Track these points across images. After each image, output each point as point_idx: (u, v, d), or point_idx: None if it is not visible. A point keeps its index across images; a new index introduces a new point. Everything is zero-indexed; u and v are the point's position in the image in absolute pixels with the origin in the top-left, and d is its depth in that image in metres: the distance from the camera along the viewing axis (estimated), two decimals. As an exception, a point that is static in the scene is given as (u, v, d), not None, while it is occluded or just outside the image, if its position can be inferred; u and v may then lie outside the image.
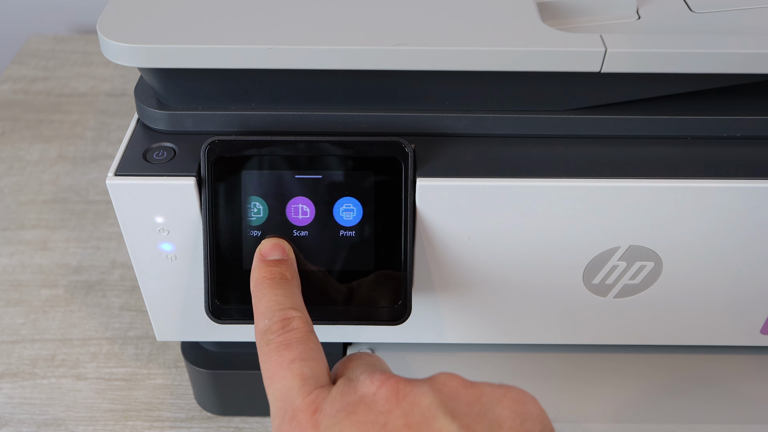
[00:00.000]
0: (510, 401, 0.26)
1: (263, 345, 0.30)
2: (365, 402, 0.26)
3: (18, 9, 0.98)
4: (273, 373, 0.29)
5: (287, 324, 0.30)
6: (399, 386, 0.26)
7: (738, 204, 0.35)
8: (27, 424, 0.48)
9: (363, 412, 0.26)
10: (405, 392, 0.26)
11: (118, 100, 0.80)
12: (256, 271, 0.33)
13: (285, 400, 0.28)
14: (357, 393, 0.27)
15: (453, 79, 0.34)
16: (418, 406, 0.26)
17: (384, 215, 0.35)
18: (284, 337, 0.30)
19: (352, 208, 0.35)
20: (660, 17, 0.38)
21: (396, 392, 0.26)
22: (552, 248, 0.37)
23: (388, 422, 0.25)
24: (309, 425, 0.26)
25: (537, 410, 0.26)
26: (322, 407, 0.27)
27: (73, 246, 0.62)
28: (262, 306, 0.32)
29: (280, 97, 0.36)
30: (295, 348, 0.29)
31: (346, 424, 0.26)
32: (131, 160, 0.35)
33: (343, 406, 0.26)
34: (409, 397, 0.26)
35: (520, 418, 0.26)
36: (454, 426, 0.25)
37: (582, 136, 0.37)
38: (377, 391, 0.27)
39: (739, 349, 0.45)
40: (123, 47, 0.33)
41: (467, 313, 0.40)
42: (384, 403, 0.26)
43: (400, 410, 0.26)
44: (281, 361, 0.29)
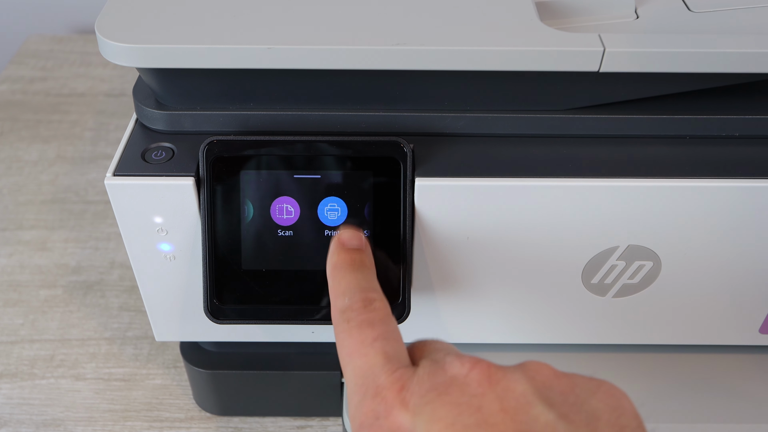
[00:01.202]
0: (604, 395, 0.25)
1: (342, 323, 0.29)
2: (457, 383, 0.25)
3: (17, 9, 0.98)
4: (354, 350, 0.28)
5: (369, 303, 0.29)
6: (491, 370, 0.26)
7: (737, 203, 0.35)
8: (26, 425, 0.48)
9: (455, 393, 0.25)
10: (497, 377, 0.25)
11: (116, 100, 0.80)
12: (335, 255, 0.32)
13: (366, 377, 0.27)
14: (447, 374, 0.26)
15: (452, 79, 0.34)
16: (513, 392, 0.25)
17: (383, 215, 0.35)
18: (367, 316, 0.29)
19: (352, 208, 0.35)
20: (658, 17, 0.38)
21: (488, 376, 0.25)
22: (551, 248, 0.37)
23: (482, 405, 0.24)
24: (396, 402, 0.25)
25: (631, 406, 0.25)
26: (408, 385, 0.26)
27: (72, 246, 0.62)
28: (342, 286, 0.31)
29: (278, 97, 0.36)
30: (378, 327, 0.28)
31: (438, 404, 0.25)
32: (130, 160, 0.35)
33: (433, 386, 0.25)
34: (502, 382, 0.25)
35: (616, 413, 0.25)
36: (552, 414, 0.24)
37: (580, 136, 0.37)
38: (468, 373, 0.25)
39: (737, 349, 0.46)
40: (121, 47, 0.33)
41: (466, 312, 0.40)
42: (477, 386, 0.25)
43: (494, 394, 0.25)
44: (363, 338, 0.28)
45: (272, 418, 0.48)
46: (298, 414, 0.48)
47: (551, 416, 0.24)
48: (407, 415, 0.25)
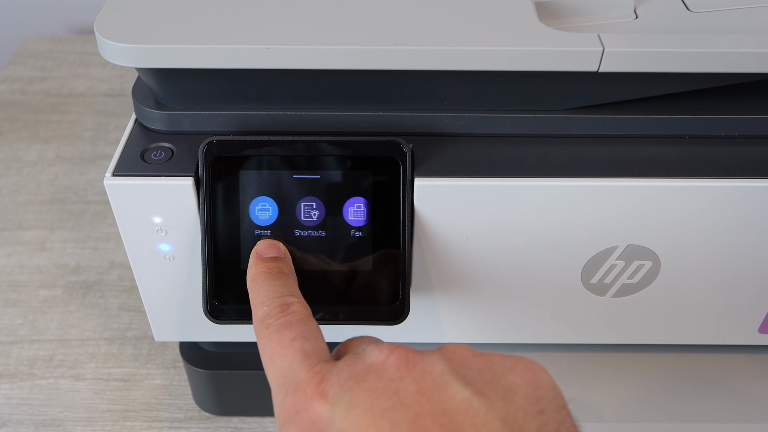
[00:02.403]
0: (521, 369, 0.26)
1: (262, 329, 0.30)
2: (375, 370, 0.26)
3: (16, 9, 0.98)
4: (274, 352, 0.28)
5: (286, 308, 0.30)
6: (408, 354, 0.26)
7: (736, 203, 0.35)
8: (25, 425, 0.48)
9: (373, 379, 0.25)
10: (415, 360, 0.26)
11: (116, 101, 0.80)
12: (253, 267, 0.33)
13: (287, 375, 0.27)
14: (365, 362, 0.26)
15: (451, 79, 0.34)
16: (430, 373, 0.25)
17: (382, 215, 0.35)
18: (284, 319, 0.30)
19: (350, 207, 0.35)
20: (657, 17, 0.38)
21: (406, 360, 0.26)
22: (550, 248, 0.37)
23: (399, 389, 0.25)
24: (315, 394, 0.26)
25: (548, 379, 0.26)
26: (328, 377, 0.26)
27: (72, 246, 0.62)
28: (260, 296, 0.31)
29: (278, 97, 0.36)
30: (295, 328, 0.29)
31: (356, 391, 0.25)
32: (129, 160, 0.35)
33: (352, 375, 0.26)
34: (419, 365, 0.26)
35: (532, 386, 0.25)
36: (468, 392, 0.24)
37: (580, 136, 0.37)
38: (386, 359, 0.26)
39: (737, 348, 0.46)
40: (120, 47, 0.33)
41: (465, 312, 0.40)
42: (394, 371, 0.26)
43: (411, 377, 0.25)
44: (281, 340, 0.29)
45: (272, 418, 0.48)
46: (298, 414, 0.48)
47: (467, 393, 0.24)
48: (326, 405, 0.25)
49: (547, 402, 0.25)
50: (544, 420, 0.24)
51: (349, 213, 0.35)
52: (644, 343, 0.43)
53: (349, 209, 0.35)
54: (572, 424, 0.25)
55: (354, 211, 0.35)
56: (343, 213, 0.35)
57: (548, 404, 0.25)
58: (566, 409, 0.25)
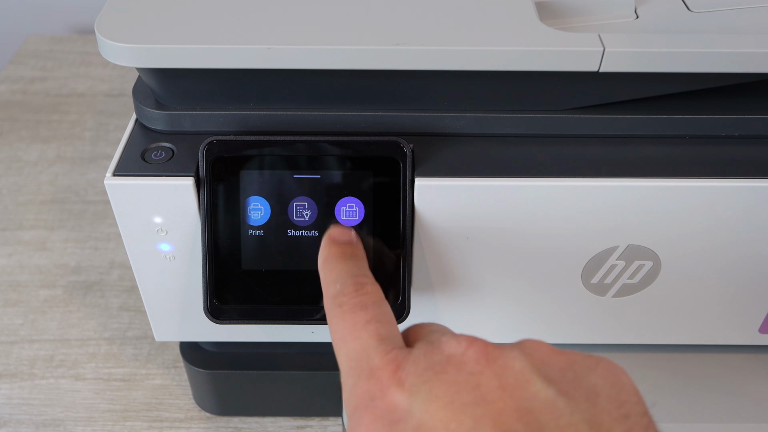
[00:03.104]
0: (603, 371, 0.25)
1: (335, 307, 0.29)
2: (454, 362, 0.25)
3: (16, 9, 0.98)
4: (346, 333, 0.27)
5: (361, 287, 0.29)
6: (488, 348, 0.25)
7: (736, 203, 0.35)
8: (26, 425, 0.48)
9: (453, 371, 0.24)
10: (495, 355, 0.25)
11: (116, 101, 0.80)
12: (326, 249, 0.32)
13: (360, 359, 0.26)
14: (443, 353, 0.25)
15: (451, 79, 0.34)
16: (511, 369, 0.24)
17: (383, 215, 0.35)
18: (359, 299, 0.29)
19: (351, 207, 0.35)
20: (658, 17, 0.38)
21: (486, 354, 0.25)
22: (550, 248, 0.37)
23: (480, 383, 0.24)
24: (392, 382, 0.25)
25: (630, 382, 0.25)
26: (404, 365, 0.25)
27: (72, 246, 0.62)
28: (333, 274, 0.31)
29: (278, 97, 0.36)
30: (370, 309, 0.28)
31: (435, 383, 0.24)
32: (129, 160, 0.35)
33: (430, 365, 0.25)
34: (500, 360, 0.25)
35: (616, 389, 0.24)
36: (551, 391, 0.24)
37: (580, 136, 0.37)
38: (465, 351, 0.25)
39: (737, 348, 0.46)
40: (121, 47, 0.33)
41: (466, 312, 0.40)
42: (474, 364, 0.25)
43: (492, 372, 0.24)
44: (356, 321, 0.28)
45: (272, 418, 0.48)
46: (298, 414, 0.48)
47: (551, 392, 0.24)
48: (403, 394, 0.24)
49: (631, 406, 0.24)
50: (630, 425, 0.24)
51: (349, 213, 0.35)
52: (644, 343, 0.43)
53: (349, 209, 0.35)
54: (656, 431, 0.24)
55: (354, 211, 0.35)
56: (343, 213, 0.35)
57: (632, 408, 0.24)
58: (649, 416, 0.24)
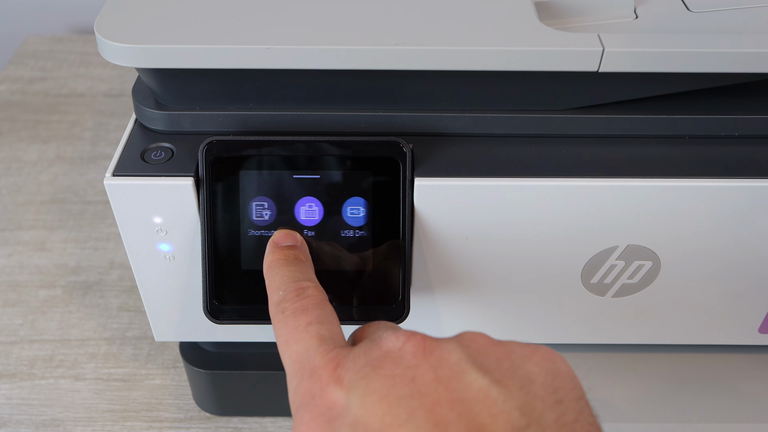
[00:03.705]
0: (540, 358, 0.26)
1: (278, 314, 0.29)
2: (391, 356, 0.25)
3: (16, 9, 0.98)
4: (289, 337, 0.28)
5: (302, 292, 0.30)
6: (425, 342, 0.26)
7: (736, 203, 0.35)
8: (25, 425, 0.48)
9: (390, 366, 0.25)
10: (432, 347, 0.25)
11: (116, 101, 0.80)
12: (269, 255, 0.33)
13: (303, 360, 0.27)
14: (382, 349, 0.26)
15: (451, 79, 0.34)
16: (447, 361, 0.25)
17: (382, 215, 0.35)
18: (300, 303, 0.29)
19: (350, 208, 0.35)
20: (658, 16, 0.38)
21: (423, 347, 0.25)
22: (550, 247, 0.37)
23: (416, 376, 0.24)
24: (331, 380, 0.25)
25: (567, 368, 0.26)
26: (344, 363, 0.26)
27: (72, 246, 0.62)
28: (276, 281, 0.31)
29: (278, 97, 0.36)
30: (311, 312, 0.29)
31: (372, 378, 0.25)
32: (129, 160, 0.35)
33: (368, 362, 0.26)
34: (436, 352, 0.25)
35: (551, 375, 0.25)
36: (486, 380, 0.24)
37: (580, 136, 0.37)
38: (403, 346, 0.26)
39: (737, 348, 0.46)
40: (120, 47, 0.33)
41: (465, 312, 0.40)
42: (411, 358, 0.25)
43: (428, 364, 0.25)
44: (297, 324, 0.28)
45: (272, 418, 0.48)
46: (298, 414, 0.48)
47: (485, 382, 0.24)
48: (342, 391, 0.25)
49: (566, 392, 0.25)
50: (562, 410, 0.24)
51: (349, 213, 0.35)
52: (644, 343, 0.43)
53: (349, 209, 0.35)
54: (591, 415, 0.24)
55: (354, 211, 0.35)
56: (343, 213, 0.35)
57: (567, 394, 0.25)
58: (585, 399, 0.25)
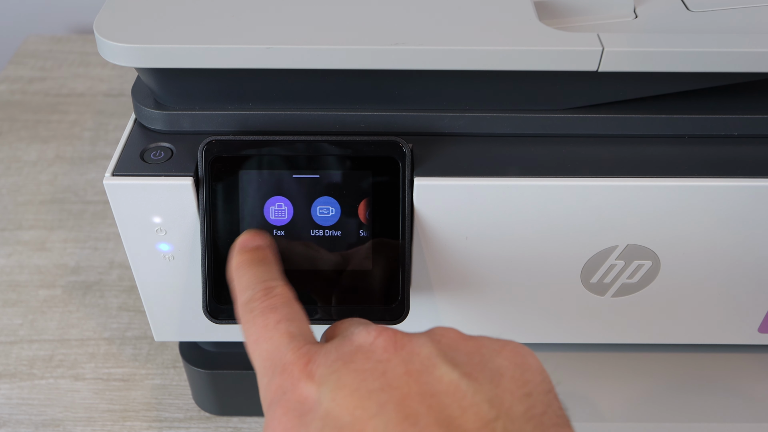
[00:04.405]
0: (509, 353, 0.26)
1: (246, 314, 0.29)
2: (363, 351, 0.26)
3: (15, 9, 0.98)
4: (258, 336, 0.28)
5: (270, 291, 0.30)
6: (396, 336, 0.26)
7: (735, 202, 0.35)
8: (25, 425, 0.48)
9: (361, 360, 0.25)
10: (403, 342, 0.26)
11: (115, 101, 0.80)
12: (236, 257, 0.33)
13: (273, 358, 0.27)
14: (353, 344, 0.26)
15: (450, 79, 0.34)
16: (418, 355, 0.25)
17: (382, 214, 0.35)
18: (268, 302, 0.29)
19: (350, 207, 0.35)
20: (657, 16, 0.38)
21: (394, 342, 0.26)
22: (549, 247, 0.37)
23: (387, 370, 0.25)
24: (302, 375, 0.26)
25: (536, 362, 0.26)
26: (315, 358, 0.26)
27: (71, 246, 0.62)
28: (243, 282, 0.31)
29: (277, 96, 0.36)
30: (280, 310, 0.29)
31: (343, 372, 0.25)
32: (129, 160, 0.35)
33: (339, 356, 0.26)
34: (407, 347, 0.26)
35: (520, 369, 0.25)
36: (456, 374, 0.24)
37: (579, 135, 0.37)
38: (374, 341, 0.26)
39: (736, 348, 0.46)
40: (120, 47, 0.33)
41: (465, 312, 0.40)
42: (382, 352, 0.25)
43: (399, 359, 0.25)
44: (266, 323, 0.28)
45: (271, 418, 0.48)
46: (298, 414, 0.48)
47: (455, 375, 0.24)
48: (313, 386, 0.25)
49: (534, 385, 0.25)
50: (531, 402, 0.25)
51: (348, 212, 0.35)
52: (644, 342, 0.43)
53: (349, 209, 0.35)
54: (559, 407, 0.25)
55: (353, 211, 0.35)
56: (343, 212, 0.35)
57: (535, 387, 0.25)
58: (553, 393, 0.25)
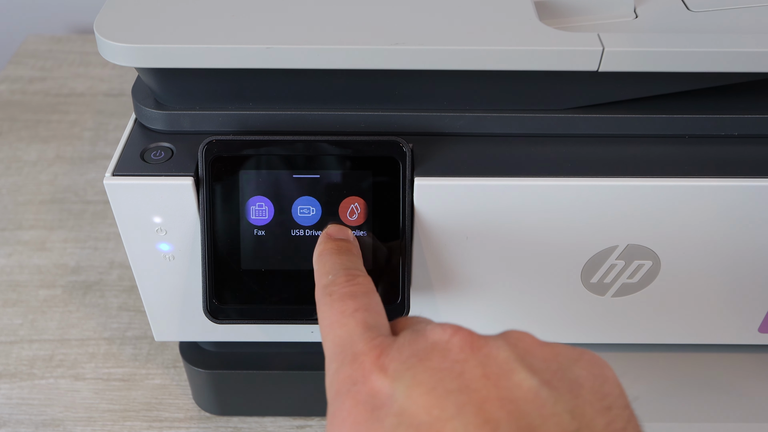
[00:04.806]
0: (587, 363, 0.25)
1: (325, 296, 0.29)
2: (438, 349, 0.25)
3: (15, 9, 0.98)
4: (334, 320, 0.28)
5: (352, 278, 0.29)
6: (473, 337, 0.25)
7: (735, 202, 0.35)
8: (25, 425, 0.48)
9: (437, 358, 0.24)
10: (480, 344, 0.25)
11: (115, 100, 0.80)
12: (322, 244, 0.33)
13: (345, 345, 0.26)
14: (428, 340, 0.25)
15: (451, 79, 0.34)
16: (495, 359, 0.24)
17: (382, 214, 0.35)
18: (349, 289, 0.29)
19: (350, 207, 0.35)
20: (657, 16, 0.38)
21: (470, 342, 0.25)
22: (550, 247, 0.37)
23: (464, 371, 0.24)
24: (375, 367, 0.25)
25: (613, 375, 0.25)
26: (388, 351, 0.25)
27: (71, 246, 0.61)
28: (327, 267, 0.31)
29: (277, 96, 0.36)
30: (359, 299, 0.28)
31: (419, 369, 0.24)
32: (129, 160, 0.35)
33: (414, 352, 0.25)
34: (484, 349, 0.25)
35: (599, 381, 0.25)
36: (535, 381, 0.24)
37: (579, 135, 0.37)
38: (450, 339, 0.25)
39: (737, 348, 0.46)
40: (120, 47, 0.33)
41: (465, 312, 0.40)
42: (459, 352, 0.25)
43: (476, 360, 0.24)
44: (344, 309, 0.28)
45: (272, 417, 0.48)
46: (298, 414, 0.48)
47: (534, 382, 0.24)
48: (386, 380, 0.24)
49: (614, 399, 0.24)
50: (612, 417, 0.24)
51: (348, 212, 0.35)
52: (644, 342, 0.43)
53: (349, 209, 0.35)
54: (637, 425, 0.24)
55: (354, 211, 0.35)
56: (343, 212, 0.35)
57: (615, 401, 0.24)
58: (631, 409, 0.25)
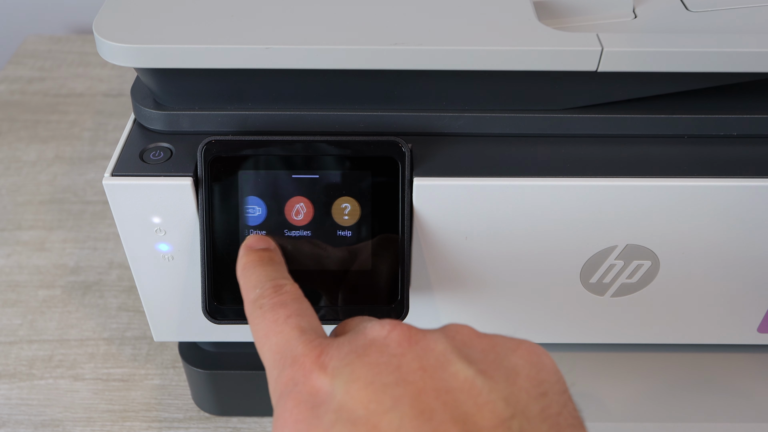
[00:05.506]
0: (524, 351, 0.26)
1: (255, 310, 0.29)
2: (376, 345, 0.25)
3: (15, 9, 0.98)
4: (268, 330, 0.28)
5: (279, 288, 0.30)
6: (411, 331, 0.26)
7: (735, 202, 0.35)
8: (24, 425, 0.48)
9: (375, 354, 0.25)
10: (417, 337, 0.25)
11: (115, 101, 0.80)
12: (244, 257, 0.33)
13: (283, 351, 0.27)
14: (367, 337, 0.26)
15: (450, 79, 0.34)
16: (432, 351, 0.25)
17: (381, 215, 0.35)
18: (278, 299, 0.29)
19: (349, 207, 0.35)
20: (656, 16, 0.38)
21: (408, 336, 0.25)
22: (549, 247, 0.37)
23: (402, 364, 0.24)
24: (315, 366, 0.25)
25: (550, 362, 0.26)
26: (327, 350, 0.26)
27: (71, 246, 0.61)
28: (252, 280, 0.31)
29: (276, 96, 0.36)
30: (290, 306, 0.29)
31: (357, 365, 0.25)
32: (128, 160, 0.35)
33: (353, 349, 0.25)
34: (422, 342, 0.25)
35: (536, 368, 0.25)
36: (471, 371, 0.24)
37: (579, 135, 0.37)
38: (388, 334, 0.26)
39: (736, 348, 0.46)
40: (119, 47, 0.33)
41: (464, 312, 0.40)
42: (396, 346, 0.25)
43: (413, 353, 0.25)
44: (276, 318, 0.28)
45: (271, 418, 0.48)
46: (297, 414, 0.48)
47: (470, 372, 0.24)
48: (326, 378, 0.25)
49: (550, 385, 0.25)
50: (547, 402, 0.24)
51: (347, 212, 0.35)
52: (643, 342, 0.43)
53: (348, 209, 0.35)
54: (574, 408, 0.25)
55: (353, 211, 0.35)
56: (343, 213, 0.35)
57: (551, 387, 0.25)
58: (568, 393, 0.25)
